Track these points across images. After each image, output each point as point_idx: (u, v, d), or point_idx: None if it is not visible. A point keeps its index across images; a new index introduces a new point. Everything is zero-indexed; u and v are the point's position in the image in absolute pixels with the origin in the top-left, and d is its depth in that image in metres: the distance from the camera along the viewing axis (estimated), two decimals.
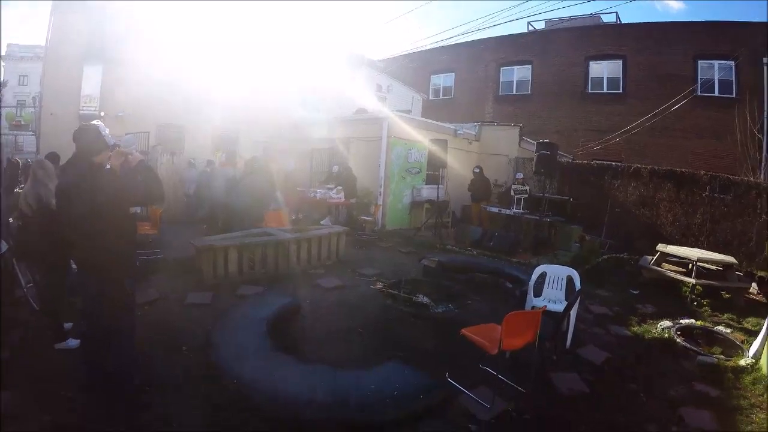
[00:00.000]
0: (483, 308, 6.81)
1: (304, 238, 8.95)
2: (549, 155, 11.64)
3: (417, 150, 14.62)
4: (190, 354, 4.86)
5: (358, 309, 6.75)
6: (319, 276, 8.35)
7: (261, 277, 7.95)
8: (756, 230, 11.39)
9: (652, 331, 6.71)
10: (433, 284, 7.60)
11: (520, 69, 24.57)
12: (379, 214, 13.54)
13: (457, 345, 4.74)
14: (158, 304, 6.46)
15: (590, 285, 8.38)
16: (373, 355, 5.08)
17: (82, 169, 3.97)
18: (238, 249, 7.85)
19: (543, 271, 6.45)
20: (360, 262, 9.55)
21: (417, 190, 14.48)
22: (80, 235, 3.83)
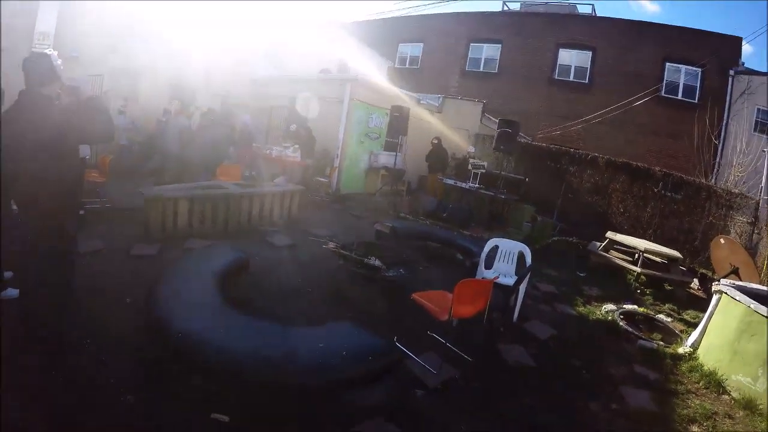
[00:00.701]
0: (434, 276, 6.81)
1: (257, 194, 8.70)
2: (510, 133, 11.63)
3: (378, 115, 14.42)
4: (134, 306, 4.64)
5: (308, 268, 6.70)
6: (270, 234, 8.19)
7: (211, 231, 7.69)
8: (702, 230, 11.69)
9: (597, 313, 6.85)
10: (385, 248, 7.44)
11: (489, 47, 24.47)
12: (335, 176, 13.32)
13: (406, 310, 4.76)
14: (103, 254, 6.15)
15: (540, 264, 8.39)
16: (323, 315, 4.99)
17: (29, 100, 3.79)
18: (189, 201, 7.53)
19: (495, 245, 6.44)
20: (313, 223, 9.41)
21: (375, 156, 14.27)
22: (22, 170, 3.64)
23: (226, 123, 11.65)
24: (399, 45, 27.41)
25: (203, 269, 4.92)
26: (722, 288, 5.67)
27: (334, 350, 3.75)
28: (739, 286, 5.81)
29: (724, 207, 11.86)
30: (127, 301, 4.79)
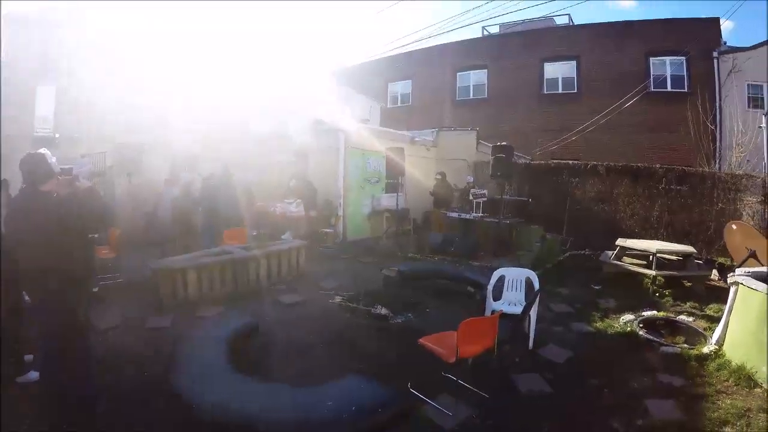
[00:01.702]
0: (443, 315, 6.72)
1: (262, 255, 8.76)
2: (504, 158, 11.63)
3: (375, 159, 14.51)
4: (150, 378, 4.74)
5: (318, 323, 6.66)
6: (279, 292, 8.22)
7: (221, 296, 7.74)
8: (713, 218, 11.56)
9: (615, 326, 6.70)
10: (392, 294, 7.59)
11: (476, 73, 24.78)
12: (340, 225, 13.36)
13: (417, 354, 4.67)
14: (118, 329, 6.33)
15: (552, 283, 8.37)
16: (333, 370, 4.90)
17: (30, 198, 3.94)
18: (197, 270, 7.64)
19: (502, 274, 6.42)
20: (321, 276, 9.39)
21: (377, 200, 14.33)
22: (29, 265, 3.78)
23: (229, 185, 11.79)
24: (388, 84, 27.84)
25: (214, 339, 5.02)
26: (738, 279, 5.57)
27: (344, 406, 3.74)
28: (755, 273, 5.70)
29: (731, 191, 11.81)
30: (145, 375, 4.89)
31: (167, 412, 4.04)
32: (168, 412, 4.04)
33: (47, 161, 4.01)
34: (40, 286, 3.84)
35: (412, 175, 14.05)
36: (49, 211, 3.81)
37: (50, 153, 4.10)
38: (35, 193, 3.94)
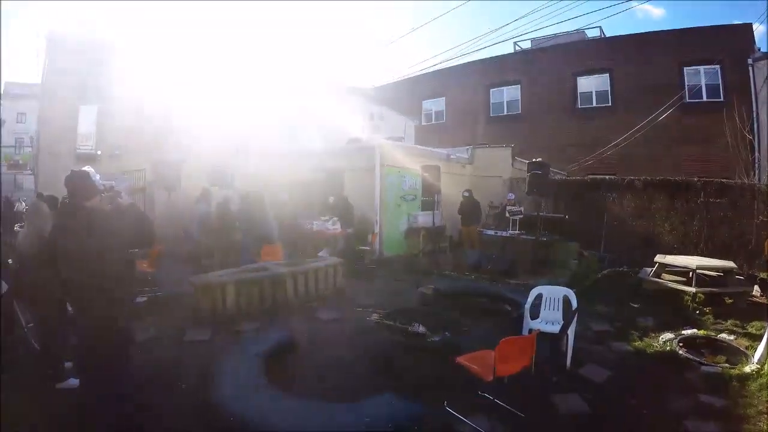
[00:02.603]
0: (480, 334, 6.71)
1: (300, 272, 8.91)
2: (540, 174, 11.63)
3: (411, 177, 14.60)
4: (188, 391, 4.91)
5: (355, 341, 6.71)
6: (316, 309, 8.34)
7: (259, 311, 7.91)
8: (755, 231, 11.33)
9: (654, 345, 6.62)
10: (429, 312, 7.63)
11: (509, 89, 24.75)
12: (377, 242, 13.48)
13: (454, 372, 4.67)
14: (157, 341, 6.53)
15: (590, 301, 8.31)
16: (369, 388, 4.95)
17: (74, 214, 4.07)
18: (235, 285, 7.85)
19: (539, 293, 6.43)
20: (358, 293, 9.51)
21: (413, 217, 14.42)
22: (73, 278, 3.91)
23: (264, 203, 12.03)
24: (422, 102, 27.96)
25: (253, 353, 5.17)
26: None
27: (380, 424, 3.84)
28: None
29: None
30: (182, 387, 5.04)
31: (204, 425, 4.17)
32: (205, 425, 4.16)
33: (91, 178, 4.18)
34: (82, 297, 4.00)
35: (448, 193, 14.10)
36: (92, 226, 3.94)
37: (94, 170, 4.27)
38: (79, 208, 4.09)
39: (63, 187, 4.34)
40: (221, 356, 5.23)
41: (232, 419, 3.86)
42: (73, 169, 4.27)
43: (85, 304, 4.00)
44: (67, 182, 4.15)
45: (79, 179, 4.15)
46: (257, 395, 4.19)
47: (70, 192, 4.16)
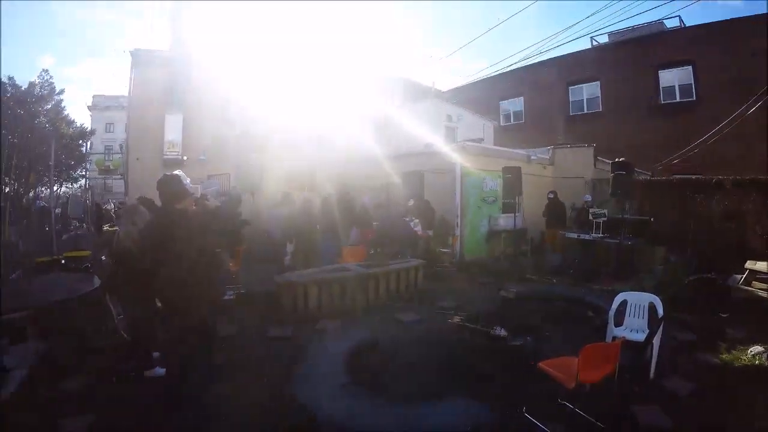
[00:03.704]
0: (562, 339, 6.77)
1: (381, 273, 9.18)
2: (624, 175, 11.45)
3: (491, 179, 14.60)
4: (270, 386, 5.16)
5: (435, 343, 6.81)
6: (397, 310, 8.53)
7: (340, 311, 8.20)
8: None
9: (743, 358, 6.36)
10: (510, 316, 7.67)
11: (588, 86, 24.10)
12: (457, 245, 13.59)
13: (534, 378, 4.67)
14: (240, 336, 6.91)
15: (676, 310, 7.99)
16: (449, 390, 5.06)
17: (165, 215, 4.39)
18: (318, 285, 8.20)
19: (624, 299, 6.32)
20: (438, 295, 9.61)
21: (494, 219, 14.42)
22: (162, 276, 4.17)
23: (347, 206, 12.36)
24: (500, 102, 27.59)
25: (334, 351, 5.43)
26: None
27: (459, 426, 3.98)
28: None
29: None
30: (265, 381, 5.30)
31: (285, 419, 4.36)
32: (286, 419, 4.35)
33: (182, 182, 4.44)
34: (171, 294, 4.24)
35: (529, 195, 14.00)
36: (182, 227, 4.18)
37: (184, 174, 4.56)
38: (170, 210, 4.35)
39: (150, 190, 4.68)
40: (303, 353, 5.49)
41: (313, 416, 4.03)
42: (165, 173, 4.55)
43: (174, 300, 4.23)
44: (159, 185, 4.41)
45: (171, 183, 4.39)
46: (338, 393, 4.36)
47: (161, 194, 4.42)
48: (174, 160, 18.16)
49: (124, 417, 4.51)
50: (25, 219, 13.80)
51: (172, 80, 18.72)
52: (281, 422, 4.36)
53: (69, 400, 4.85)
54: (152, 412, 4.54)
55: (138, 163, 18.73)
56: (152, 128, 18.67)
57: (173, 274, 4.10)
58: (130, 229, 5.55)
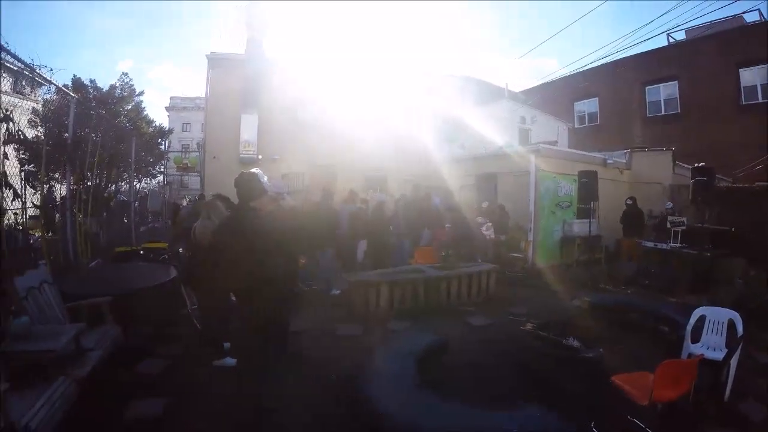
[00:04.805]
0: (636, 353, 6.63)
1: (453, 276, 9.29)
2: (705, 181, 11.21)
3: (566, 183, 14.50)
4: (338, 383, 5.37)
5: (505, 349, 6.88)
6: (467, 313, 8.64)
7: (411, 312, 8.35)
8: None
9: None
10: (583, 326, 7.44)
11: (666, 86, 23.34)
12: (530, 250, 13.52)
13: (605, 392, 4.63)
14: (310, 333, 7.15)
15: (756, 327, 7.49)
16: (517, 398, 5.04)
17: (242, 212, 4.54)
18: (389, 285, 8.40)
19: (702, 314, 6.14)
20: (509, 301, 9.69)
21: (568, 225, 14.24)
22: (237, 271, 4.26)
23: (418, 207, 12.58)
24: (574, 104, 27.12)
25: (404, 352, 5.36)
26: None
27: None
28: None
29: None
30: (333, 378, 5.53)
31: (353, 417, 4.46)
32: (354, 417, 4.43)
33: (259, 180, 4.54)
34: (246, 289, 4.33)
35: (604, 200, 13.86)
36: (259, 223, 4.31)
37: (261, 172, 4.70)
38: (247, 208, 4.48)
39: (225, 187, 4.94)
40: (372, 352, 5.50)
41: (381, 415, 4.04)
42: (242, 171, 4.69)
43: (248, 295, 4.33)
44: (236, 183, 4.56)
45: (248, 180, 4.52)
46: (407, 394, 4.34)
47: (239, 191, 4.55)
48: (249, 158, 18.81)
49: (193, 403, 4.87)
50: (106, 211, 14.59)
51: (247, 82, 19.40)
52: (349, 421, 4.49)
53: (142, 384, 5.25)
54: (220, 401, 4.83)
55: (214, 161, 19.55)
56: (228, 128, 19.43)
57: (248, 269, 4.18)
58: (207, 223, 5.93)
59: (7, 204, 6.53)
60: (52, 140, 10.38)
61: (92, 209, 10.28)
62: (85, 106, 11.71)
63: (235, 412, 4.52)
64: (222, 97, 19.70)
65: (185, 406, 4.81)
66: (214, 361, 5.88)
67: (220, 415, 4.60)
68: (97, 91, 22.11)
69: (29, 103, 18.67)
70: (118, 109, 22.14)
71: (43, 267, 6.21)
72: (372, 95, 19.47)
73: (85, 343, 4.84)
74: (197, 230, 6.08)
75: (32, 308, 4.90)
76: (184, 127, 54.39)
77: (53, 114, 16.75)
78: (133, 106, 24.30)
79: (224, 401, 4.76)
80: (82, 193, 9.20)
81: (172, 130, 33.76)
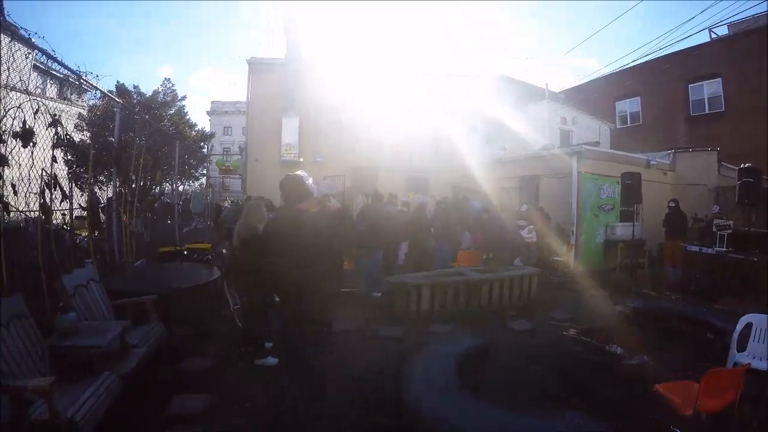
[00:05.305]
0: (680, 361, 6.51)
1: (495, 279, 9.32)
2: (752, 182, 10.99)
3: (609, 185, 14.33)
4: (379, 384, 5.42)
5: (547, 355, 6.87)
6: (509, 317, 8.68)
7: (452, 315, 8.43)
8: None
9: None
10: (626, 332, 7.28)
11: (709, 84, 22.47)
12: (572, 254, 13.46)
13: (648, 401, 4.57)
14: (352, 334, 7.30)
15: None
16: (558, 404, 5.15)
17: (287, 214, 4.63)
18: (431, 287, 8.47)
19: (748, 322, 5.97)
20: (551, 305, 9.68)
21: (611, 229, 14.08)
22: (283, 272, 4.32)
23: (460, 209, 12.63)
24: (616, 103, 26.46)
25: (445, 354, 5.38)
26: None
27: None
28: None
29: None
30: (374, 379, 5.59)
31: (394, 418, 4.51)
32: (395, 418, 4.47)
33: (304, 182, 4.60)
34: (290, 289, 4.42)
35: (648, 203, 13.54)
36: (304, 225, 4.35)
37: (306, 174, 4.75)
38: (292, 209, 4.56)
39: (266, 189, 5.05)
40: (413, 354, 5.53)
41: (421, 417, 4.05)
42: (287, 173, 4.77)
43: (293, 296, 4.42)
44: (282, 185, 4.64)
45: (294, 182, 4.59)
46: (448, 397, 4.33)
47: (284, 194, 4.63)
48: (291, 161, 19.16)
49: (234, 401, 5.00)
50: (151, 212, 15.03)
51: (288, 86, 19.83)
52: (389, 422, 4.57)
53: (184, 381, 5.43)
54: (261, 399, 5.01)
55: (256, 164, 20.03)
56: (269, 131, 19.90)
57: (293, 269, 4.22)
58: (250, 224, 6.14)
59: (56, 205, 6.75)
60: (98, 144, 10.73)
61: (137, 210, 10.60)
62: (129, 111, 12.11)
63: (276, 411, 4.66)
64: (263, 100, 20.17)
65: (226, 403, 4.95)
66: (256, 360, 6.04)
67: (261, 413, 4.76)
68: (140, 96, 22.79)
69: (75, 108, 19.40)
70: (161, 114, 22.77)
71: (90, 266, 6.36)
72: (412, 97, 19.61)
73: (130, 340, 5.03)
74: (240, 230, 6.30)
75: (79, 305, 5.09)
76: (225, 130, 56.10)
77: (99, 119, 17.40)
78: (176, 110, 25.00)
79: (265, 399, 4.95)
80: (127, 194, 9.47)
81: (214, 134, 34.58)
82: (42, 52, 6.12)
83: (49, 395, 3.29)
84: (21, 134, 5.49)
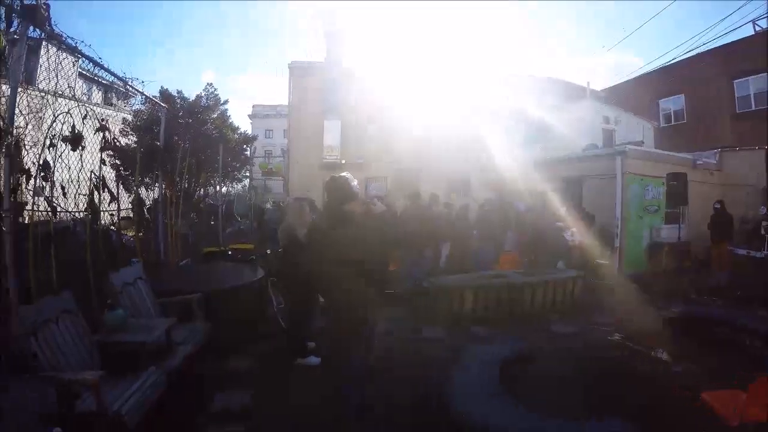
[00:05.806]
0: (727, 369, 6.17)
1: (537, 282, 9.33)
2: None
3: (654, 186, 14.20)
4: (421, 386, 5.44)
5: (591, 359, 6.79)
6: (552, 321, 8.66)
7: (494, 317, 8.47)
8: None
9: None
10: (672, 338, 7.39)
11: (755, 79, 21.51)
12: (616, 257, 13.36)
13: (694, 409, 4.46)
14: (395, 335, 7.40)
15: None
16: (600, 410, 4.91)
17: (333, 216, 4.72)
18: (473, 290, 8.58)
19: None
20: (594, 309, 9.60)
21: (656, 231, 13.98)
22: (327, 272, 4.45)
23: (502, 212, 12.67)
24: (659, 102, 25.76)
25: (486, 358, 5.50)
26: None
27: None
28: None
29: None
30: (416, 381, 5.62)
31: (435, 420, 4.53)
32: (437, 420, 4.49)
33: (350, 184, 4.69)
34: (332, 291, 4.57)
35: (694, 204, 13.47)
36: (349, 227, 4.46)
37: (351, 176, 4.83)
38: (338, 210, 4.64)
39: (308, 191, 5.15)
40: (455, 356, 5.65)
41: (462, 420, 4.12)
42: (332, 175, 4.87)
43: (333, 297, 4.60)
44: (328, 186, 4.76)
45: (339, 184, 4.68)
46: (490, 400, 4.40)
47: (329, 195, 4.76)
48: (333, 163, 19.40)
49: (277, 399, 5.18)
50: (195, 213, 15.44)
51: (328, 88, 20.11)
52: (431, 424, 4.59)
53: (227, 379, 5.62)
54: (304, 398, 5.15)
55: (298, 166, 20.32)
56: (311, 134, 20.21)
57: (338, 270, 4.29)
58: (290, 228, 6.29)
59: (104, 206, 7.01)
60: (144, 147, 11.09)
61: (182, 211, 10.89)
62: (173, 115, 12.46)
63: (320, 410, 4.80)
64: (304, 104, 20.49)
65: (269, 401, 5.09)
66: (299, 359, 6.21)
67: (303, 412, 4.90)
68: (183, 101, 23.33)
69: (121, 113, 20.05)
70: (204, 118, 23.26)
71: (137, 264, 6.58)
72: (454, 98, 19.66)
73: (175, 337, 5.20)
74: (282, 230, 6.51)
75: (126, 302, 5.32)
76: (267, 133, 57.06)
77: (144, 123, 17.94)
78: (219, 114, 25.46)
79: (308, 398, 5.07)
80: (172, 196, 9.76)
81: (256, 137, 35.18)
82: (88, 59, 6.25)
83: (96, 388, 3.48)
84: (70, 138, 5.72)
